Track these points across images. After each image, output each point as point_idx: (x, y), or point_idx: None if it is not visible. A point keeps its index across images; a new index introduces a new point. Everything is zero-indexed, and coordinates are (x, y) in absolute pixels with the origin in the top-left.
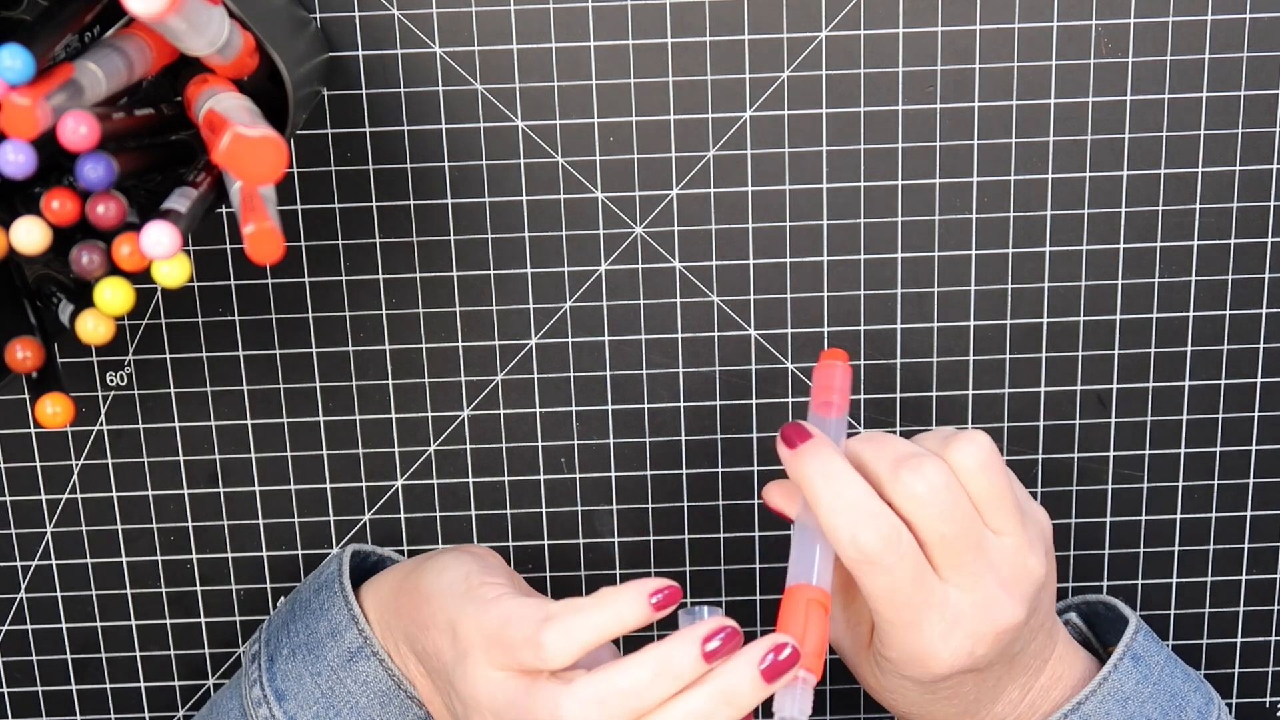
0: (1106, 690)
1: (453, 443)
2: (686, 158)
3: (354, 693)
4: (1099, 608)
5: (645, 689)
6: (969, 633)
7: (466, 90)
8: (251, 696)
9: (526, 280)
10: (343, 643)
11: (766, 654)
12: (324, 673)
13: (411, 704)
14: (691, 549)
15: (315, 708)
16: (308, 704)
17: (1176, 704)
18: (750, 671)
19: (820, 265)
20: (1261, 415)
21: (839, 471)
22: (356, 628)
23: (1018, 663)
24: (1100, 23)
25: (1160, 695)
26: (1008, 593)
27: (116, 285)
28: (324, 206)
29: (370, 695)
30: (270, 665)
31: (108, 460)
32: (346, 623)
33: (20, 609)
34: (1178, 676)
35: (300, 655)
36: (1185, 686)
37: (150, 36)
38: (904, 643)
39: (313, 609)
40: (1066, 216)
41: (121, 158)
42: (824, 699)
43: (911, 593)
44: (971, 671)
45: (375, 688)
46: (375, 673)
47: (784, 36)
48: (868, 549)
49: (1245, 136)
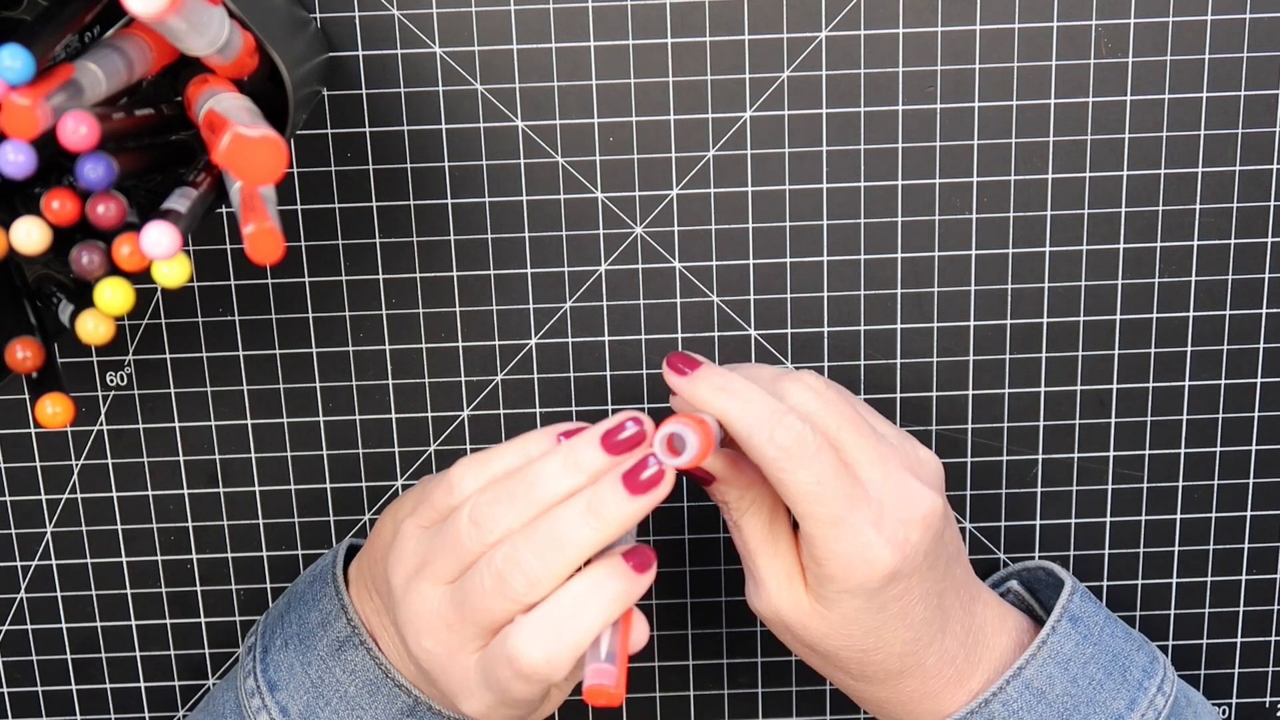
0: (1046, 653)
1: (453, 443)
2: (686, 158)
3: (343, 682)
4: (1039, 573)
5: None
6: (898, 519)
7: (466, 90)
8: (246, 688)
9: (526, 280)
10: (332, 632)
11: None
12: (314, 662)
13: (400, 692)
14: (691, 549)
15: (305, 697)
16: (298, 694)
17: (1119, 664)
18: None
19: (820, 265)
20: (1261, 415)
21: (739, 385)
22: (345, 617)
23: (953, 578)
24: (1100, 23)
25: (1102, 655)
26: (918, 478)
27: (116, 285)
28: (324, 206)
29: (359, 684)
30: (264, 657)
31: (108, 460)
32: (336, 612)
33: (20, 609)
34: (1119, 636)
35: (292, 646)
36: (1128, 646)
37: (150, 36)
38: (841, 544)
39: (306, 600)
40: (1066, 216)
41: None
42: (824, 699)
43: (836, 484)
44: (914, 575)
45: (363, 676)
46: (363, 661)
47: (784, 36)
48: (788, 443)
49: (1245, 136)
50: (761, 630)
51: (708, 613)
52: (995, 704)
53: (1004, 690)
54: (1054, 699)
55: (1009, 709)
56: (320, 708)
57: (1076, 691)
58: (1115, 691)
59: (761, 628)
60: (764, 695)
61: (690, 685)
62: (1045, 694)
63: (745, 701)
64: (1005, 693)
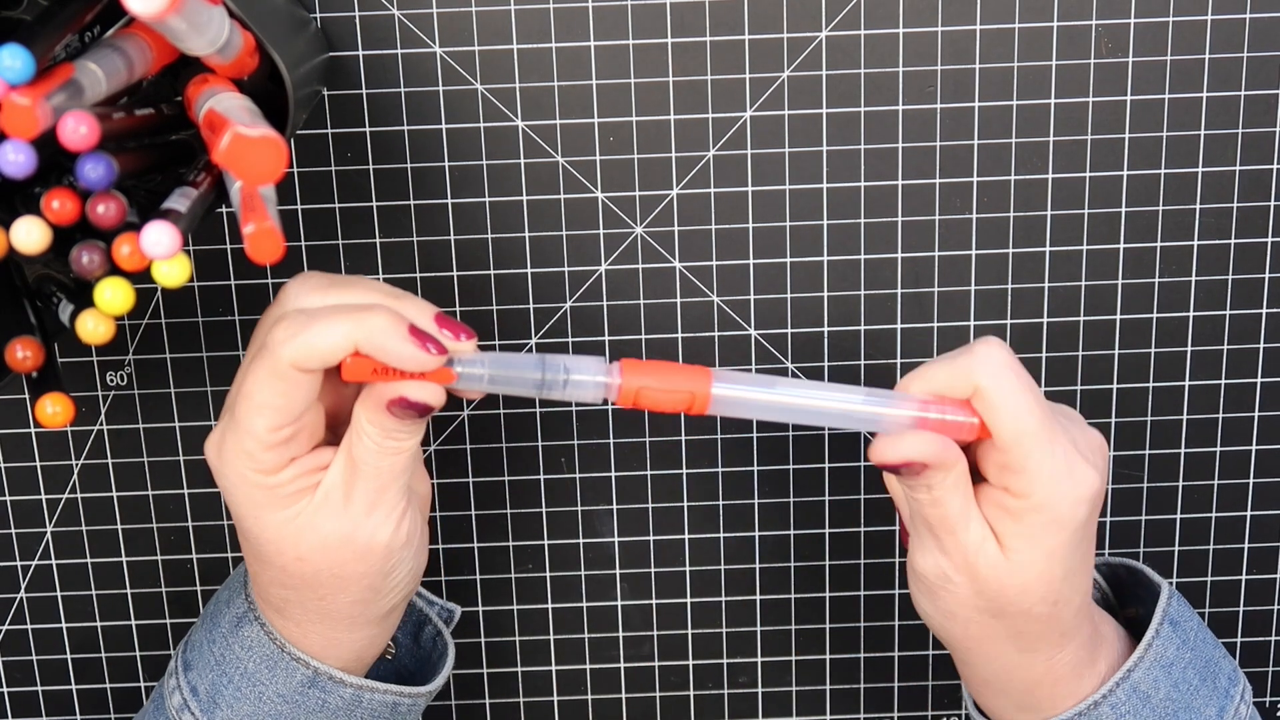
0: (1152, 657)
1: (453, 442)
2: (686, 158)
3: (241, 658)
4: (1120, 571)
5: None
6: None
7: (466, 90)
8: (168, 670)
9: (526, 280)
10: (233, 609)
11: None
12: (217, 640)
13: (298, 665)
14: (691, 549)
15: (211, 675)
16: (206, 672)
17: (1211, 670)
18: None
19: (820, 265)
20: (1261, 415)
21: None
22: (244, 592)
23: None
24: (1100, 23)
25: (1197, 661)
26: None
27: (116, 285)
28: (324, 206)
29: (256, 659)
30: (188, 639)
31: (108, 460)
32: (237, 589)
33: (20, 609)
34: (1209, 643)
35: (205, 626)
36: (1216, 653)
37: (150, 36)
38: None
39: (226, 584)
40: (1066, 216)
41: (121, 158)
42: (824, 699)
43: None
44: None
45: (260, 651)
46: (258, 636)
47: (784, 36)
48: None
49: (1245, 136)
50: (762, 630)
51: (708, 613)
52: (1104, 706)
53: (1114, 693)
54: (1157, 703)
55: (1116, 712)
56: (224, 686)
57: (1177, 696)
58: (1208, 698)
59: (762, 628)
60: (764, 695)
61: (690, 685)
62: (1150, 698)
63: (745, 701)
64: (1114, 695)
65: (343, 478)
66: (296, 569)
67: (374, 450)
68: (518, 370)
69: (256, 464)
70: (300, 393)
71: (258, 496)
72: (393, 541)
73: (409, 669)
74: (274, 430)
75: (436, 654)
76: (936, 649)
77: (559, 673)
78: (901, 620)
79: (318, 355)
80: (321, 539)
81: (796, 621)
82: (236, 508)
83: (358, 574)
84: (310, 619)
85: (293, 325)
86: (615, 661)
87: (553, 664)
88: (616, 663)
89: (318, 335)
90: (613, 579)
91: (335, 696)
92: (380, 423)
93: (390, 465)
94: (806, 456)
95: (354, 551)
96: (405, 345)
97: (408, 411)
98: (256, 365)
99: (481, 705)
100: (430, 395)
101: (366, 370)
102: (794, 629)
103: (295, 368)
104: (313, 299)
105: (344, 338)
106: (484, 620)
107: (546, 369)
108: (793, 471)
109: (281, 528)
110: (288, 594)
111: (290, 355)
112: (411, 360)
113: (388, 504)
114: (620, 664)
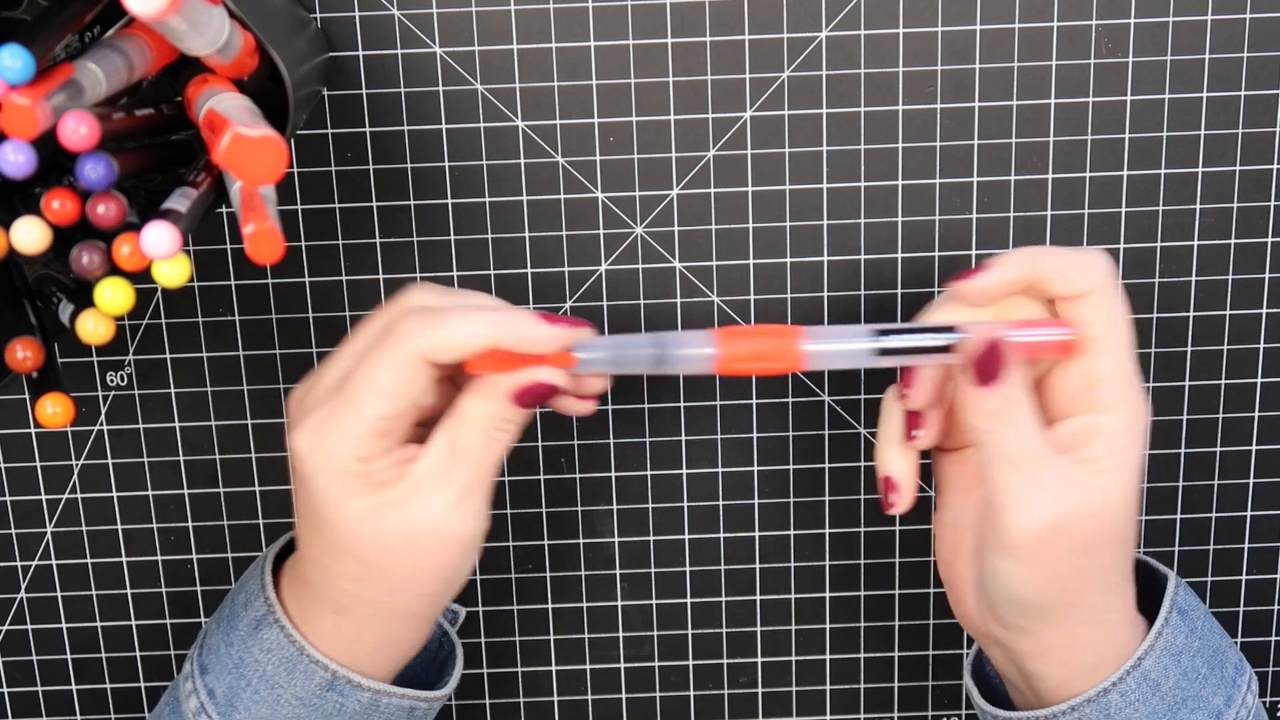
0: (1162, 645)
1: None
2: (686, 158)
3: (260, 660)
4: None
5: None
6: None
7: (466, 90)
8: (183, 672)
9: (526, 280)
10: (251, 611)
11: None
12: (235, 643)
13: (316, 668)
14: (691, 549)
15: (229, 678)
16: (223, 675)
17: (1218, 659)
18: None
19: (820, 265)
20: (1261, 415)
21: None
22: (264, 595)
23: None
24: (1100, 23)
25: (1205, 650)
26: None
27: (116, 285)
28: (324, 206)
29: (275, 662)
30: (204, 640)
31: (108, 460)
32: (256, 591)
33: (20, 609)
34: (1216, 632)
35: (221, 628)
36: (1223, 642)
37: (150, 36)
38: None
39: (242, 584)
40: (1066, 216)
41: (121, 158)
42: (824, 698)
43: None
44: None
45: (279, 654)
46: (278, 639)
47: (784, 36)
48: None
49: (1245, 136)
50: (762, 630)
51: (708, 613)
52: (1114, 694)
53: (1124, 680)
54: (1166, 692)
55: (1126, 699)
56: (242, 688)
57: (1186, 685)
58: (1216, 687)
59: (762, 628)
60: (764, 695)
61: (690, 685)
62: (1160, 686)
63: (745, 701)
64: (1125, 683)
65: (439, 467)
66: (377, 559)
67: (481, 440)
68: (634, 349)
69: (359, 449)
70: (419, 383)
71: (348, 484)
72: (475, 533)
73: (415, 670)
74: (386, 417)
75: (443, 655)
76: (937, 649)
77: (559, 673)
78: (902, 620)
79: (451, 348)
80: (408, 527)
81: (796, 621)
82: (322, 496)
83: (437, 566)
84: (376, 617)
85: (425, 319)
86: (615, 661)
87: (553, 664)
88: (616, 663)
89: (454, 329)
90: (613, 579)
91: (353, 700)
92: (497, 412)
93: (493, 455)
94: (807, 457)
95: (438, 541)
96: (544, 327)
97: (534, 397)
98: (382, 353)
99: (481, 705)
100: (559, 378)
101: (492, 363)
102: (794, 629)
103: (425, 359)
104: (436, 300)
105: (482, 331)
106: (484, 620)
107: (659, 345)
108: (793, 472)
109: (367, 515)
110: (360, 589)
111: (424, 346)
112: (550, 339)
113: (478, 495)
114: (620, 664)
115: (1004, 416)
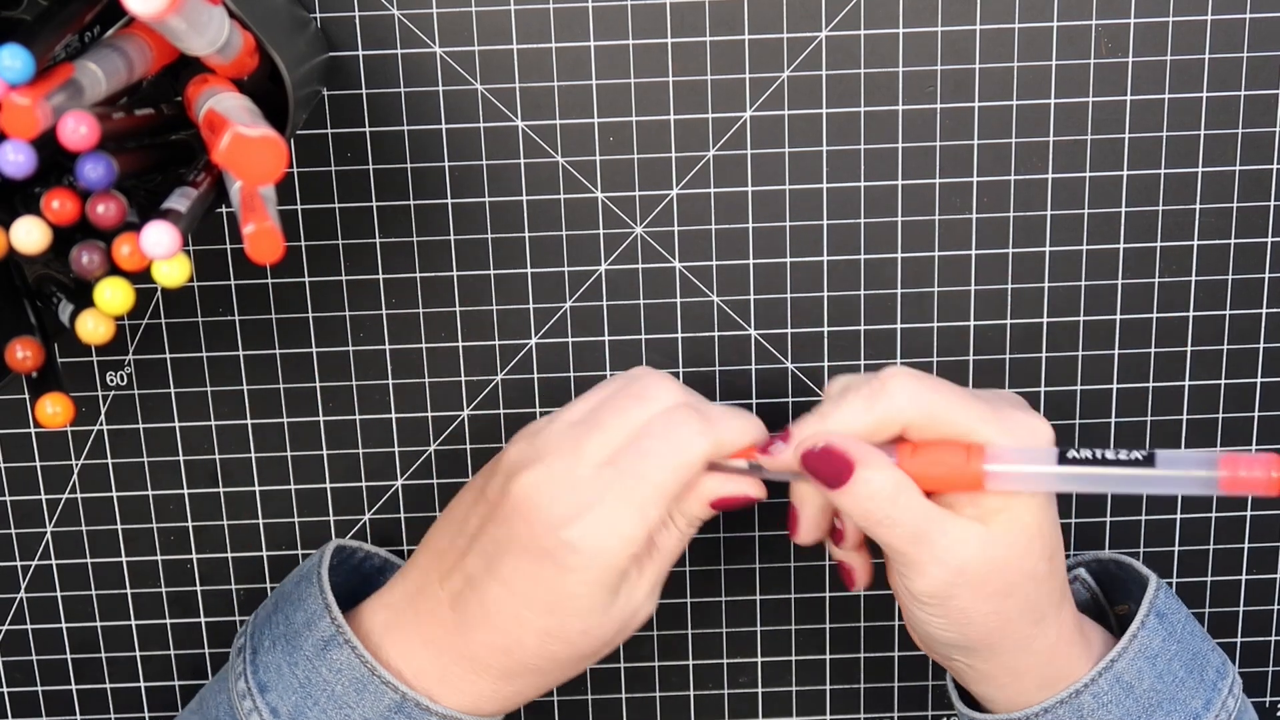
0: (1137, 647)
1: (453, 443)
2: (686, 158)
3: (329, 681)
4: (1110, 566)
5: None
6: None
7: (466, 90)
8: (238, 690)
9: (526, 280)
10: (317, 632)
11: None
12: (300, 663)
13: (386, 689)
14: (691, 549)
15: (294, 698)
16: (288, 694)
17: (1198, 662)
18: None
19: (820, 265)
20: (1261, 415)
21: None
22: (329, 615)
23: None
24: (1100, 23)
25: (1184, 653)
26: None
27: (116, 285)
28: (324, 206)
29: (345, 683)
30: (254, 658)
31: (108, 460)
32: (320, 612)
33: (20, 609)
34: (1197, 635)
35: (280, 647)
36: (1204, 645)
37: (150, 36)
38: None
39: (292, 601)
40: (1066, 216)
41: (121, 158)
42: (824, 698)
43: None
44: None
45: (349, 675)
46: (349, 660)
47: (784, 36)
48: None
49: (1245, 136)
50: (762, 630)
51: (708, 613)
52: (1086, 695)
53: (1096, 682)
54: (1141, 694)
55: (1099, 700)
56: (309, 707)
57: (1161, 688)
58: (1194, 690)
59: (762, 627)
60: (764, 695)
61: (690, 685)
62: (1134, 688)
63: (745, 701)
64: (1097, 684)
65: (638, 562)
66: (581, 640)
67: (679, 539)
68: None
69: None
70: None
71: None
72: (647, 618)
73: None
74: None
75: None
76: None
77: None
78: (901, 620)
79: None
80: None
81: (796, 621)
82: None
83: (612, 644)
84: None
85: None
86: (615, 661)
87: None
88: (616, 663)
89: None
90: None
91: None
92: (698, 516)
93: (679, 551)
94: None
95: (624, 625)
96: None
97: (731, 505)
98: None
99: None
100: (762, 493)
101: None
102: (794, 629)
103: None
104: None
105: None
106: None
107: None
108: None
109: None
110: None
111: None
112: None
113: (659, 585)
114: (620, 664)
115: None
